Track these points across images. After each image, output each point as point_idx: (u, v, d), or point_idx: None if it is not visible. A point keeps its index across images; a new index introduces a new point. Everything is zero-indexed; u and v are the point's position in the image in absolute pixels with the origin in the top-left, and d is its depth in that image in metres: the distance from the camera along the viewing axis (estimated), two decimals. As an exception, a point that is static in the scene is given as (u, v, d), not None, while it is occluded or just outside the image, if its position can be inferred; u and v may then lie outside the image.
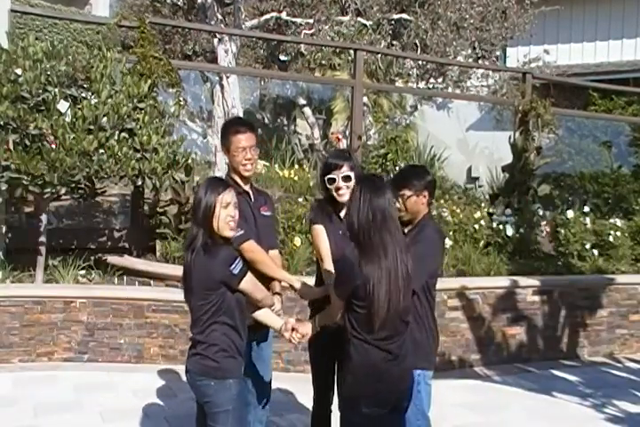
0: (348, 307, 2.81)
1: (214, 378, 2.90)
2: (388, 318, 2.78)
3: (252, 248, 3.46)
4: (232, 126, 3.63)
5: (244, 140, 3.54)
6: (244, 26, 9.64)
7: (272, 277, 3.55)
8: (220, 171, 8.29)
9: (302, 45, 11.00)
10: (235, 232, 3.01)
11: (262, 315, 3.17)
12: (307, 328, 3.12)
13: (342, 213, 3.51)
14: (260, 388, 3.70)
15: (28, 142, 5.48)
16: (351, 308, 2.80)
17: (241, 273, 2.89)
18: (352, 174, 3.44)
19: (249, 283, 2.95)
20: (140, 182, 5.94)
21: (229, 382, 2.91)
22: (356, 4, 10.88)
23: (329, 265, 3.41)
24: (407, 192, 3.31)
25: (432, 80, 12.12)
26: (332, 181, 3.45)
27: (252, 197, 3.66)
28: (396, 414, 2.93)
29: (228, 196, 2.93)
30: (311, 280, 3.72)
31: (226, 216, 2.91)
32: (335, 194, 3.46)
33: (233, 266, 2.86)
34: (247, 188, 3.65)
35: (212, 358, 2.90)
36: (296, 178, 9.72)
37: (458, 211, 7.56)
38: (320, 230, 3.51)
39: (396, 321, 2.83)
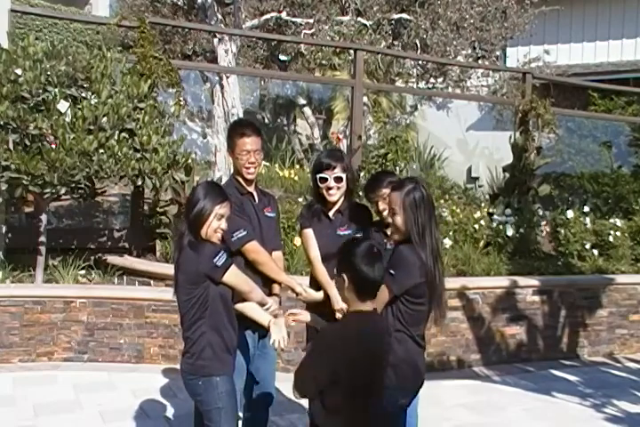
0: (398, 302, 2.86)
1: (202, 376, 2.91)
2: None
3: (255, 249, 3.46)
4: (239, 128, 3.61)
5: (249, 143, 3.53)
6: (244, 26, 9.64)
7: (274, 279, 3.55)
8: (220, 171, 8.29)
9: (302, 45, 11.00)
10: (221, 243, 3.02)
11: (247, 307, 3.12)
12: (305, 314, 3.16)
13: (331, 213, 3.54)
14: (263, 386, 3.69)
15: (28, 142, 5.48)
16: (402, 303, 2.86)
17: (225, 265, 2.89)
18: (344, 176, 3.50)
19: (233, 275, 2.93)
20: (140, 182, 5.94)
21: (216, 380, 2.92)
22: (355, 4, 10.86)
23: (318, 270, 3.49)
24: (384, 191, 3.39)
25: (432, 80, 12.12)
26: (324, 180, 3.48)
27: (255, 198, 3.65)
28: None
29: (224, 209, 2.96)
30: (307, 280, 3.74)
31: (217, 227, 2.94)
32: (325, 193, 3.50)
33: (216, 258, 2.86)
34: (251, 189, 3.65)
35: (197, 356, 2.92)
36: (296, 178, 9.71)
37: (458, 211, 7.56)
38: (309, 235, 3.57)
39: None
